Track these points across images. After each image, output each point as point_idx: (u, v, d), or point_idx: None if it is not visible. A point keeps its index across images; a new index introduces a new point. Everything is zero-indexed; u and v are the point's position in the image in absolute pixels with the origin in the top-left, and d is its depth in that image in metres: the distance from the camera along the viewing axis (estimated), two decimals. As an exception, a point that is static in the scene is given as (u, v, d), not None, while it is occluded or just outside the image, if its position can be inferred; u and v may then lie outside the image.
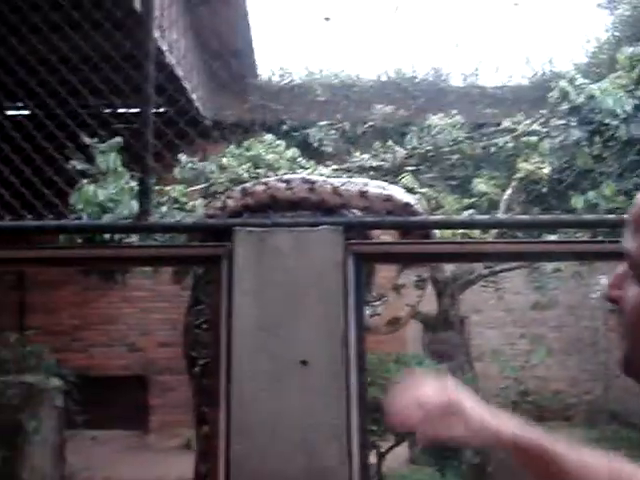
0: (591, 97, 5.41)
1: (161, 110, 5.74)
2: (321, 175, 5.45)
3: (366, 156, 6.52)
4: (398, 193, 1.97)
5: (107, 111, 4.59)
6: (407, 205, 1.92)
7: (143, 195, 1.94)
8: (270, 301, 1.75)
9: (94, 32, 3.15)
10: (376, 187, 1.91)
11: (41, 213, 2.35)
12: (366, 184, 1.91)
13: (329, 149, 8.37)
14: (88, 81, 2.97)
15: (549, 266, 6.15)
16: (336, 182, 1.90)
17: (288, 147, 6.62)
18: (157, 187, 5.47)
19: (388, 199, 1.91)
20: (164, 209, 5.04)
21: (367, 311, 1.95)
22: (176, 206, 5.22)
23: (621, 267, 0.92)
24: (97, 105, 4.56)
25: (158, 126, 2.51)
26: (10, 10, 2.91)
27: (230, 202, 1.84)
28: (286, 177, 1.98)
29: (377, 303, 2.01)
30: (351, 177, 5.27)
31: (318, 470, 1.69)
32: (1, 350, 7.95)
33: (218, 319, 1.78)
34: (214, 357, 1.78)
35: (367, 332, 1.92)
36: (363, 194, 1.86)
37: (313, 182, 1.89)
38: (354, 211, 1.76)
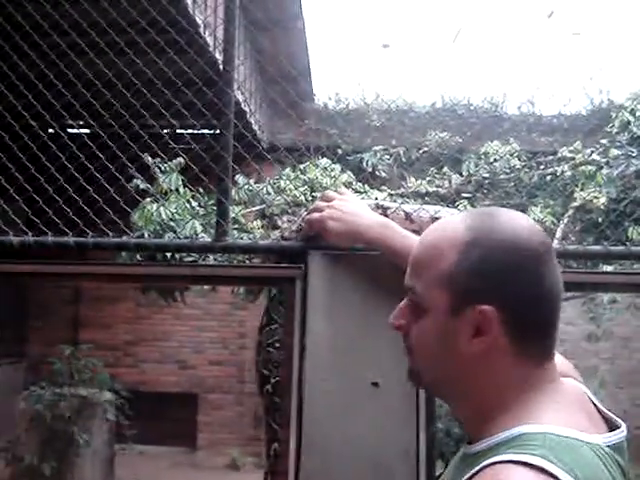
0: (652, 128, 5.38)
1: (210, 132, 5.87)
2: (376, 198, 5.51)
3: (421, 182, 6.54)
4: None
5: (167, 132, 4.71)
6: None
7: (221, 216, 2.02)
8: (343, 323, 1.79)
9: (160, 55, 3.24)
10: (448, 214, 1.94)
11: (104, 230, 2.42)
12: (438, 211, 1.94)
13: (383, 174, 8.42)
14: (153, 103, 3.06)
15: (605, 297, 6.09)
16: (408, 208, 1.94)
17: (343, 171, 6.67)
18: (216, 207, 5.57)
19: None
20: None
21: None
22: (236, 226, 5.30)
23: (404, 301, 1.21)
24: (161, 126, 4.69)
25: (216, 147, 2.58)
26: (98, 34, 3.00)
27: (304, 226, 1.90)
28: (361, 202, 2.01)
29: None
30: (407, 203, 5.30)
31: (386, 490, 1.73)
32: (56, 363, 8.11)
33: (291, 339, 1.83)
34: (286, 376, 1.83)
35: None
36: (435, 221, 1.89)
37: (386, 208, 1.93)
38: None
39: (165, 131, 4.39)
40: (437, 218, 1.90)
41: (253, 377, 9.89)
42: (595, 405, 1.16)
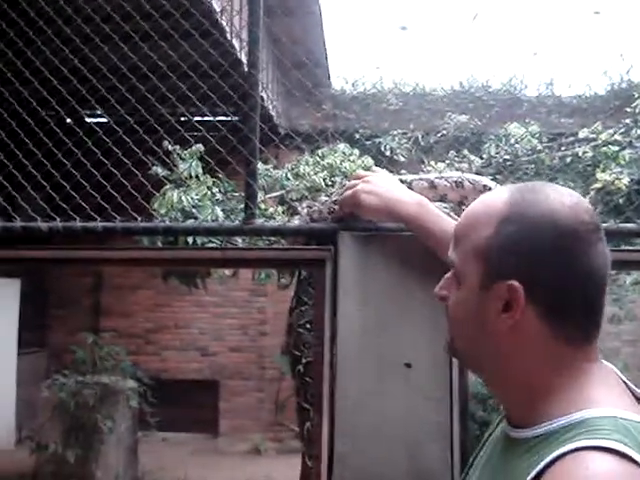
0: (676, 106, 5.32)
1: (237, 118, 5.87)
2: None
3: (441, 165, 6.51)
4: (492, 184, 1.96)
5: (184, 119, 4.72)
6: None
7: (249, 198, 2.01)
8: (374, 304, 1.78)
9: (182, 41, 3.23)
10: (471, 178, 1.92)
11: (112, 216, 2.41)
12: (460, 176, 1.93)
13: (402, 158, 8.39)
14: (172, 91, 3.05)
15: (628, 278, 6.05)
16: (432, 176, 1.94)
17: (361, 155, 6.65)
18: (236, 194, 5.59)
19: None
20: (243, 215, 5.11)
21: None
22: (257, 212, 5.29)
23: (449, 273, 1.20)
24: (179, 114, 4.70)
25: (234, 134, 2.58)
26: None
27: (337, 207, 1.88)
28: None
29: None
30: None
31: (420, 470, 1.72)
32: (78, 351, 8.18)
33: (322, 321, 1.83)
34: (318, 358, 1.82)
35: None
36: (460, 186, 1.88)
37: (410, 182, 1.92)
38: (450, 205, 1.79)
39: (183, 119, 4.40)
40: (461, 182, 1.89)
41: (273, 363, 9.92)
42: (625, 382, 1.13)
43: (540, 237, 1.07)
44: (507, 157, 6.20)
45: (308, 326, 1.96)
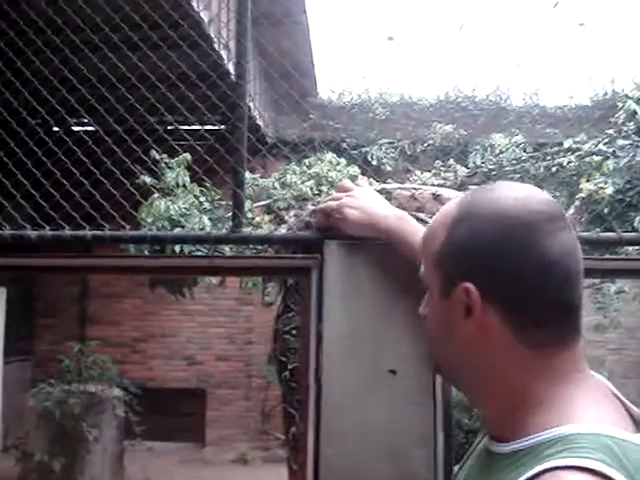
0: (658, 117, 5.40)
1: (222, 127, 5.90)
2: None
3: (427, 174, 6.57)
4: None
5: (171, 128, 4.73)
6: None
7: (236, 207, 2.04)
8: (359, 311, 1.81)
9: (170, 52, 3.26)
10: (447, 192, 1.97)
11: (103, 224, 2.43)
12: (437, 190, 1.97)
13: (388, 167, 8.46)
14: (163, 99, 3.07)
15: (612, 287, 6.11)
16: (410, 188, 1.98)
17: (348, 165, 6.71)
18: (223, 202, 5.62)
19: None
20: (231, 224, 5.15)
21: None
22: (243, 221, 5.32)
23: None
24: (168, 122, 4.73)
25: (221, 143, 2.61)
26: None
27: (316, 219, 1.91)
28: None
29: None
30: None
31: (404, 475, 1.74)
32: (64, 360, 8.16)
33: (308, 328, 1.85)
34: (304, 365, 1.85)
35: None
36: (437, 198, 1.92)
37: (390, 191, 1.96)
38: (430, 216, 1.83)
39: (170, 128, 4.42)
40: (438, 195, 1.93)
41: (260, 372, 9.90)
42: (619, 398, 1.06)
43: (487, 233, 1.02)
44: (492, 167, 6.28)
45: (294, 332, 1.99)
